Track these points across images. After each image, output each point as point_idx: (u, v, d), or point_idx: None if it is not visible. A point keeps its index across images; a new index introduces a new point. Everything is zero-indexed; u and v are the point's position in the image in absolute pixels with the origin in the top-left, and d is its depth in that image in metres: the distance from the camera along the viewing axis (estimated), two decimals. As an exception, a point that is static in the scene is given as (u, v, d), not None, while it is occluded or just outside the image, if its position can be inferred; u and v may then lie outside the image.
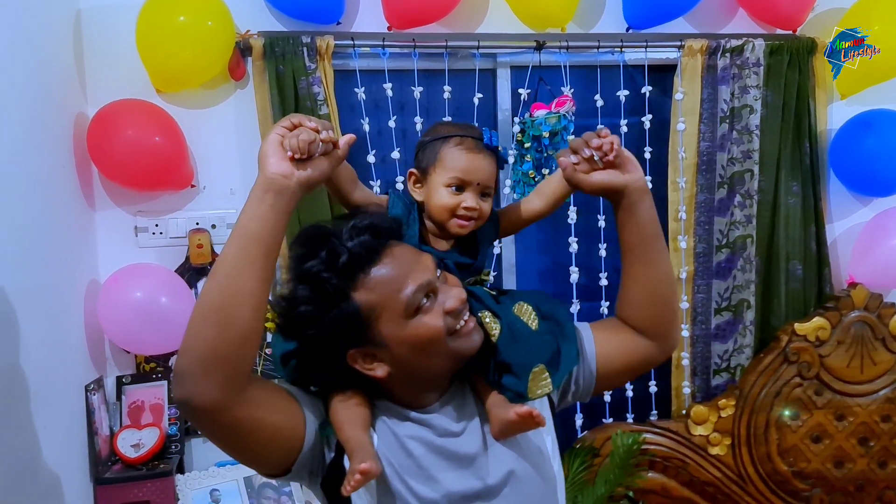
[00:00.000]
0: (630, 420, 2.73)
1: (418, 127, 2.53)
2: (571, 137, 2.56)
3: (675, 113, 2.70)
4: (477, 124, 2.45)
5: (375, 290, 1.04)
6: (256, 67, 2.41)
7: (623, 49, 2.63)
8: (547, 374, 1.14)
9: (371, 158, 2.50)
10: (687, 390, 2.76)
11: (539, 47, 2.57)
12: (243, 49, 2.40)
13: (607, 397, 2.73)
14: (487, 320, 1.15)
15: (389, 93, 2.50)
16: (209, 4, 2.24)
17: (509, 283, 2.77)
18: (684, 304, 2.72)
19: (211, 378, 0.96)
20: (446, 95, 2.54)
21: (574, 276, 2.65)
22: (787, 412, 2.68)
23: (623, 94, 2.64)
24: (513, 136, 2.59)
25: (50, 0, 2.15)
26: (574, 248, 2.65)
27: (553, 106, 2.52)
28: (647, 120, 2.67)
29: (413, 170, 1.27)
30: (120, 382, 2.40)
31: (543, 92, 2.61)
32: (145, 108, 2.26)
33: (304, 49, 2.39)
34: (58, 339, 2.05)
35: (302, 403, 1.10)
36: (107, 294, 2.24)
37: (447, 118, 2.55)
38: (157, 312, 2.22)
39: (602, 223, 2.68)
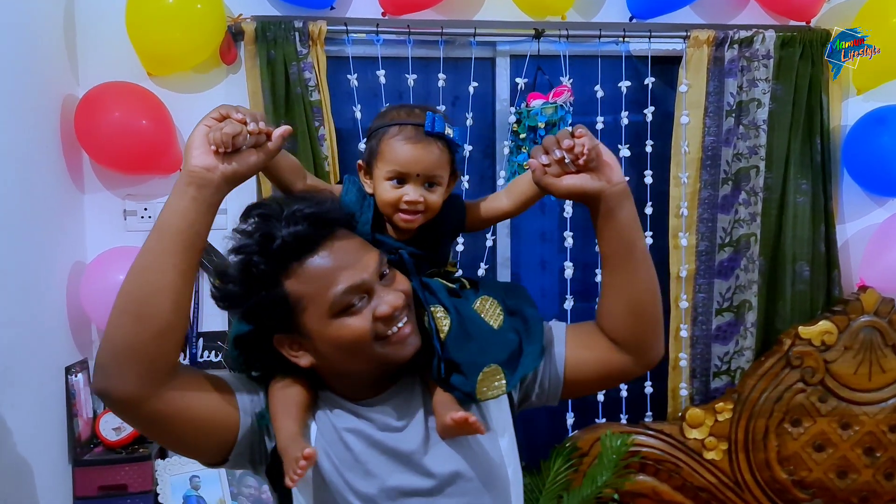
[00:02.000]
0: (624, 421, 2.65)
1: (411, 115, 2.48)
2: (568, 129, 2.51)
3: (678, 106, 2.61)
4: (443, 108, 2.43)
5: (305, 282, 1.01)
6: (248, 52, 2.38)
7: (626, 39, 2.55)
8: (502, 374, 1.08)
9: (363, 146, 2.45)
10: (684, 392, 2.67)
11: (537, 35, 2.50)
12: (235, 33, 2.38)
13: (601, 397, 2.66)
14: (439, 315, 1.09)
15: (383, 80, 2.45)
16: (198, -13, 2.22)
17: (503, 276, 2.71)
18: (683, 304, 2.64)
19: (127, 371, 0.95)
20: (441, 83, 2.49)
21: (569, 271, 2.58)
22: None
23: (625, 85, 2.56)
24: (509, 127, 2.53)
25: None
26: (569, 242, 2.58)
27: (550, 96, 2.46)
28: (649, 113, 2.59)
29: (360, 161, 1.22)
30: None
31: (542, 82, 2.55)
32: (133, 91, 2.25)
33: (297, 34, 2.36)
34: (35, 318, 2.05)
35: (237, 392, 1.08)
36: (91, 276, 2.25)
37: (441, 107, 2.50)
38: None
39: (599, 218, 2.60)
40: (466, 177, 2.55)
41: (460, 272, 1.30)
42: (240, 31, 2.36)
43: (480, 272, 2.58)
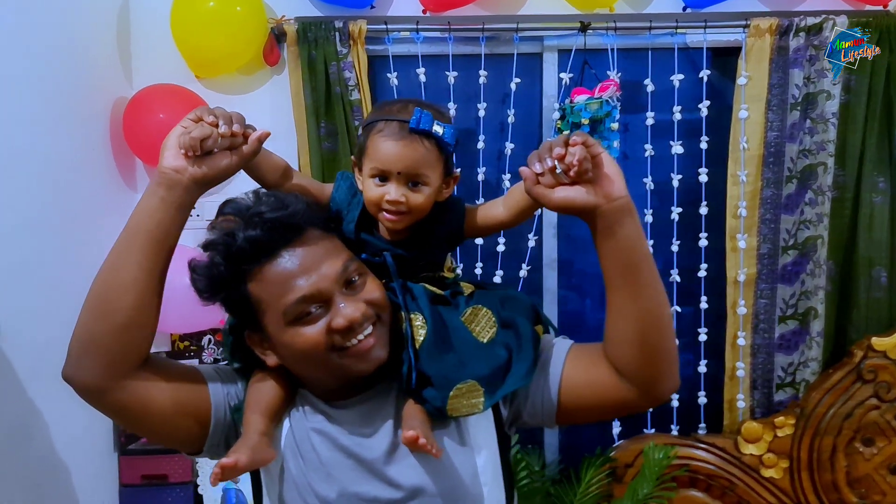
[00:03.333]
0: (674, 432, 2.52)
1: (452, 113, 2.45)
2: (616, 125, 2.41)
3: (737, 99, 2.45)
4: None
5: (265, 287, 0.99)
6: (291, 53, 2.41)
7: (678, 30, 2.41)
8: (480, 391, 1.02)
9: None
10: (742, 404, 2.51)
11: (583, 29, 2.41)
12: (278, 34, 2.41)
13: (650, 406, 2.53)
14: (417, 323, 1.05)
15: (423, 78, 2.43)
16: (239, -11, 2.27)
17: (549, 280, 2.62)
18: (742, 310, 2.48)
19: (90, 362, 0.98)
20: (482, 80, 2.44)
21: None
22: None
23: (677, 78, 2.43)
24: (553, 124, 2.46)
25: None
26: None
27: (596, 91, 2.37)
28: (704, 107, 2.45)
29: (353, 157, 1.20)
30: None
31: (589, 76, 2.46)
32: (177, 93, 2.32)
33: (337, 34, 2.36)
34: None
35: (211, 385, 1.08)
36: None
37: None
38: (191, 292, 2.28)
39: (649, 218, 2.49)
40: (508, 175, 2.48)
41: (459, 275, 1.24)
42: (282, 33, 2.39)
43: (522, 273, 2.51)
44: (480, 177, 2.48)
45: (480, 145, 2.49)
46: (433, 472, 1.03)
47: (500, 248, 2.49)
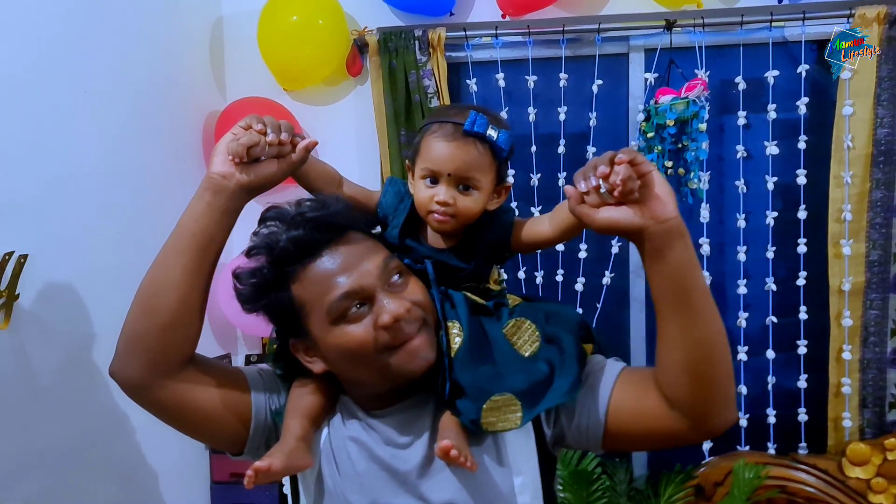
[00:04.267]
0: (771, 451, 2.36)
1: (531, 118, 2.41)
2: (704, 126, 2.30)
3: (840, 95, 2.28)
4: (565, 111, 2.34)
5: (307, 287, 0.99)
6: (373, 63, 2.45)
7: (774, 24, 2.27)
8: (518, 405, 0.99)
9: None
10: (848, 423, 2.32)
11: (669, 27, 2.32)
12: (361, 45, 2.46)
13: (743, 421, 2.39)
14: (454, 331, 1.03)
15: (502, 83, 2.41)
16: (321, 3, 2.33)
17: (637, 288, 2.52)
18: (847, 321, 2.29)
19: (134, 359, 1.01)
20: (562, 83, 2.39)
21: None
22: None
23: (772, 75, 2.29)
24: (639, 126, 2.37)
25: (193, 7, 2.40)
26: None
27: (682, 91, 2.27)
28: (802, 104, 2.29)
29: (407, 161, 1.20)
30: (248, 361, 2.59)
31: (675, 76, 2.36)
32: (266, 105, 2.41)
33: (416, 42, 2.39)
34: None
35: (253, 389, 1.10)
36: (230, 278, 2.43)
37: (562, 108, 2.40)
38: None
39: (742, 223, 2.35)
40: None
41: (506, 288, 1.21)
42: (364, 44, 2.44)
43: (605, 280, 2.44)
44: (561, 182, 2.43)
45: (561, 150, 2.44)
46: (467, 489, 1.00)
47: (582, 254, 2.43)
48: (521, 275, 2.48)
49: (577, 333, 1.05)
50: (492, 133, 1.06)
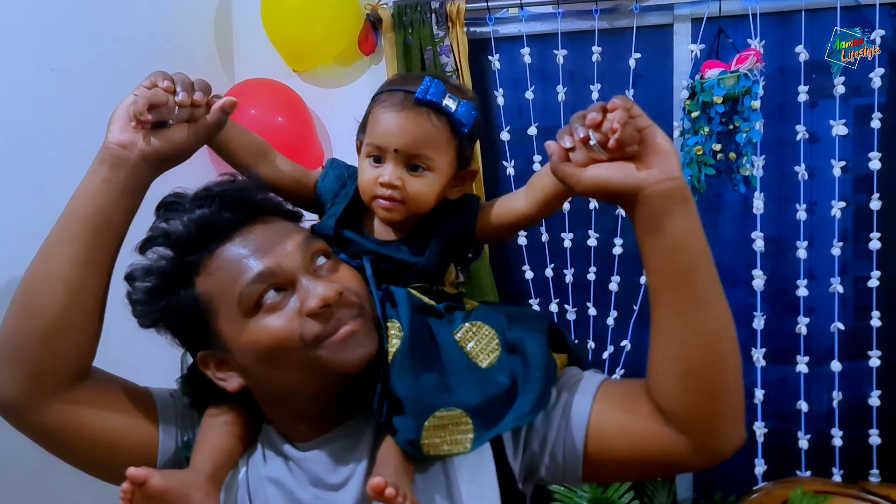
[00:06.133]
0: (837, 478, 2.06)
1: (560, 97, 2.17)
2: (757, 103, 2.01)
3: (922, 65, 1.96)
4: (598, 89, 2.09)
5: (214, 277, 0.80)
6: (387, 40, 2.25)
7: (843, -18, 1.98)
8: (470, 424, 0.77)
9: (505, 135, 2.20)
10: (930, 448, 2.00)
11: (717, -9, 2.04)
12: (374, 21, 2.26)
13: (804, 443, 2.09)
14: (392, 332, 0.82)
15: (528, 59, 2.17)
16: (329, -24, 2.14)
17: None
18: (928, 329, 1.98)
19: (8, 371, 0.81)
20: (595, 58, 2.14)
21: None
22: None
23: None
24: (682, 104, 2.10)
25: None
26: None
27: (732, 64, 1.99)
28: (877, 76, 1.98)
29: (357, 138, 0.99)
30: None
31: (725, 47, 2.08)
32: (271, 88, 2.23)
33: (433, 16, 2.18)
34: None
35: (163, 416, 0.90)
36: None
37: (595, 86, 2.15)
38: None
39: (802, 214, 2.06)
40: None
41: (464, 292, 0.99)
42: (378, 19, 2.24)
43: (643, 279, 2.17)
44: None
45: (594, 132, 2.19)
46: None
47: (617, 249, 2.18)
48: (549, 272, 2.24)
49: (547, 341, 0.83)
50: (449, 103, 0.87)
